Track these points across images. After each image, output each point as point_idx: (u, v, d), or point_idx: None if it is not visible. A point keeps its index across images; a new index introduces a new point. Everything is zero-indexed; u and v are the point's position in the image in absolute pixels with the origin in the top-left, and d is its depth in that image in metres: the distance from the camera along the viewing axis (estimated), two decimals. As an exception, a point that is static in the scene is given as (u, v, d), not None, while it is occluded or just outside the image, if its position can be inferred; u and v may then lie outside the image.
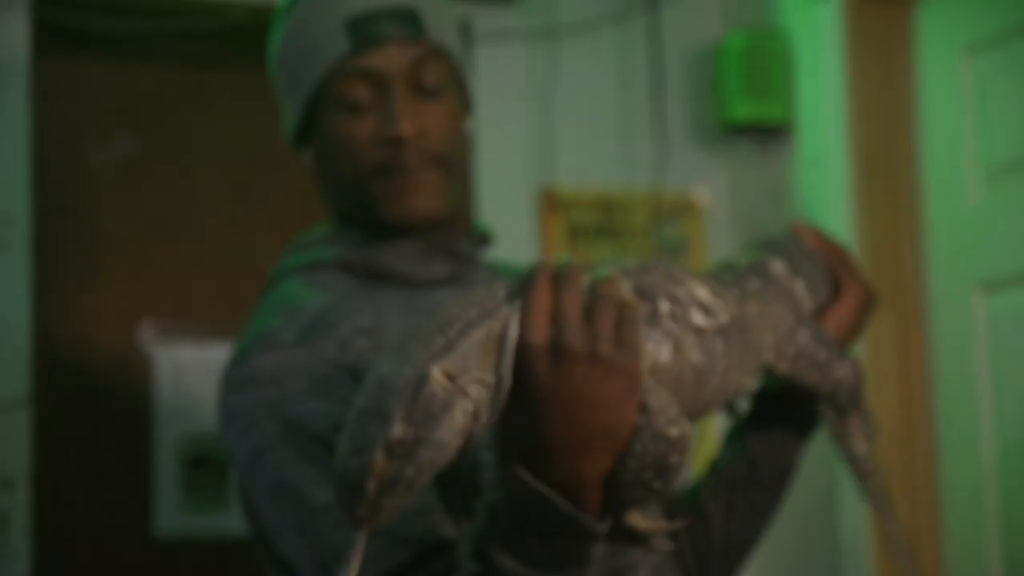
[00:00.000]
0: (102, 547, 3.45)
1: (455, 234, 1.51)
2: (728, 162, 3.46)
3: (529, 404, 1.10)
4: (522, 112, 3.35)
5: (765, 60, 3.29)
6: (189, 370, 3.53)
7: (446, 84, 1.48)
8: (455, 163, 1.49)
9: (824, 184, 3.15)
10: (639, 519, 1.22)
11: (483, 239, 1.55)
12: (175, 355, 3.53)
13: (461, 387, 1.07)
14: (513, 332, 1.10)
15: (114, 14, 3.17)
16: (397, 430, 1.05)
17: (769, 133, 3.35)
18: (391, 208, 1.46)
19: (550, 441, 1.10)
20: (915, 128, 3.12)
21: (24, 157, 3.00)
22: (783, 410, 1.40)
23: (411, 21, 1.45)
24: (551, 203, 3.36)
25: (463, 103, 1.54)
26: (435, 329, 1.09)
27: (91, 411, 3.46)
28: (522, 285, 1.12)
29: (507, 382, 1.09)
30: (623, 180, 3.42)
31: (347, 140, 1.46)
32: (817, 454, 1.67)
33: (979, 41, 2.97)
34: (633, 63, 3.44)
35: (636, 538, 1.23)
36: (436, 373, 1.06)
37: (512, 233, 3.21)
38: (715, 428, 3.11)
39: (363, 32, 1.44)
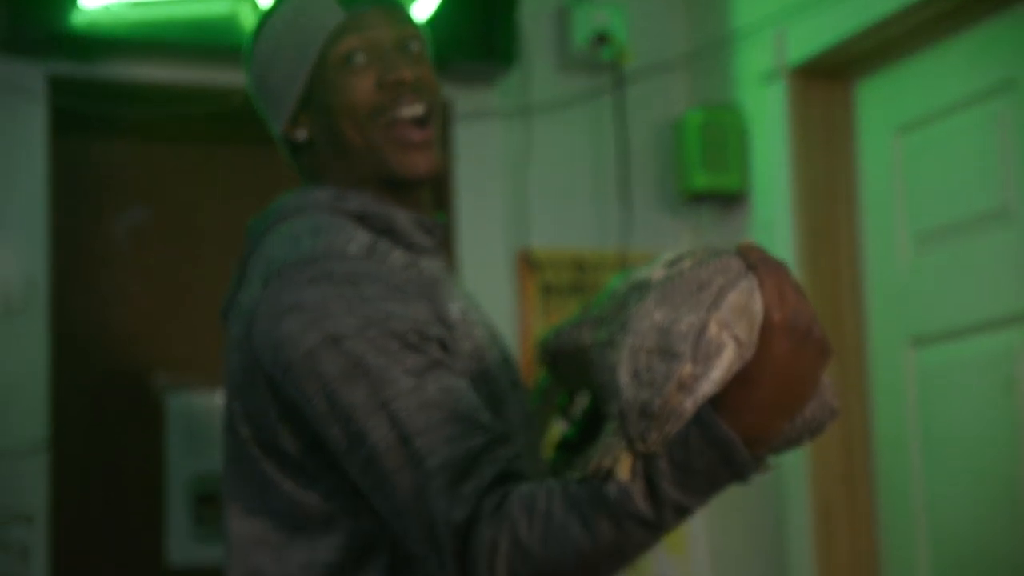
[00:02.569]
0: (118, 574, 3.65)
1: (428, 208, 1.66)
2: (690, 225, 3.72)
3: (757, 370, 1.25)
4: (500, 182, 3.62)
5: (722, 134, 3.56)
6: (198, 416, 3.73)
7: (427, 59, 1.66)
8: (439, 119, 1.64)
9: (774, 247, 3.37)
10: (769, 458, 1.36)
11: (445, 223, 1.70)
12: (185, 402, 3.75)
13: (727, 337, 1.23)
14: (758, 306, 1.25)
15: (126, 100, 3.48)
16: (688, 367, 1.22)
17: (727, 199, 3.61)
18: (397, 161, 1.60)
19: (758, 403, 1.25)
20: (854, 197, 3.40)
21: (43, 226, 3.32)
22: None
23: (396, 4, 1.66)
24: (527, 264, 3.61)
25: None
26: (694, 287, 1.24)
27: (109, 454, 3.64)
28: (754, 263, 1.26)
29: (753, 348, 1.25)
30: (594, 242, 3.68)
31: (351, 91, 1.60)
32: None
33: (908, 121, 3.25)
34: (602, 137, 3.70)
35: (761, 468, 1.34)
36: (713, 322, 1.23)
37: (491, 291, 3.48)
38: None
39: (356, 2, 1.63)
